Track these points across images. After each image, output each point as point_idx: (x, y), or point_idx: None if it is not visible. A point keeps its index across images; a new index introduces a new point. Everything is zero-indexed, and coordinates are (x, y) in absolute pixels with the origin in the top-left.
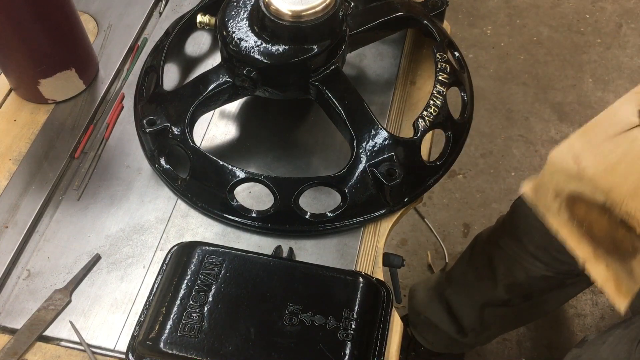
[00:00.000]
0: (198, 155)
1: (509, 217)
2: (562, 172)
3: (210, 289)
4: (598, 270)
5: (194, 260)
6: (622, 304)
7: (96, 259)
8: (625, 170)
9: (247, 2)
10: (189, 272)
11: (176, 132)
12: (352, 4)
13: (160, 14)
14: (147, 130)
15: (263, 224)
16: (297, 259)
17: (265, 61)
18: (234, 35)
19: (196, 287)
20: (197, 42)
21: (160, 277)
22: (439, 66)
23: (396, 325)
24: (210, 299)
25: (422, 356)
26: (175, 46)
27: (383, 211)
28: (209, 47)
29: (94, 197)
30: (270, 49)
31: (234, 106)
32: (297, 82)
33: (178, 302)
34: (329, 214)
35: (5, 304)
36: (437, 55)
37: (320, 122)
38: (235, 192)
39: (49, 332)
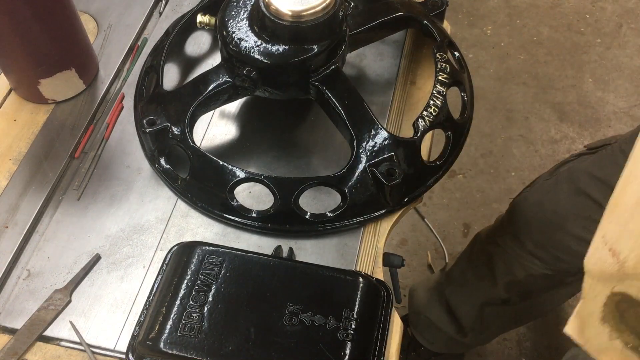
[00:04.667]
0: (198, 155)
1: (507, 216)
2: (602, 280)
3: (210, 289)
4: None
5: (194, 260)
6: None
7: (96, 259)
8: None
9: (247, 2)
10: (189, 272)
11: (176, 132)
12: (352, 4)
13: (160, 14)
14: (147, 130)
15: (263, 224)
16: (297, 259)
17: (265, 61)
18: (234, 35)
19: (196, 287)
20: (197, 42)
21: (160, 277)
22: (439, 66)
23: (396, 325)
24: (210, 299)
25: (422, 356)
26: (175, 46)
27: (383, 211)
28: (209, 47)
29: (94, 197)
30: (270, 49)
31: (234, 106)
32: (297, 82)
33: (178, 302)
34: (329, 214)
35: (5, 304)
36: (437, 55)
37: (320, 122)
38: (235, 192)
39: (49, 332)
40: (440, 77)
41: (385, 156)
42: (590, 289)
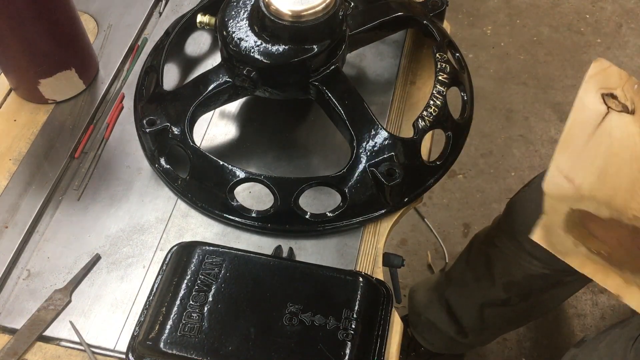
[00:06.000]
0: (198, 155)
1: (504, 216)
2: (562, 199)
3: (210, 289)
4: (633, 296)
5: (194, 260)
6: None
7: (96, 259)
8: (616, 171)
9: (247, 2)
10: (189, 272)
11: (176, 132)
12: (352, 4)
13: (160, 14)
14: (147, 130)
15: (263, 224)
16: (297, 259)
17: (265, 61)
18: (234, 35)
19: (196, 287)
20: (197, 42)
21: (160, 277)
22: (439, 66)
23: (396, 325)
24: (210, 299)
25: (422, 356)
26: (175, 46)
27: (383, 211)
28: (209, 47)
29: (94, 197)
30: (270, 49)
31: (234, 106)
32: (297, 82)
33: (178, 302)
34: (329, 214)
35: (5, 304)
36: (437, 55)
37: (320, 122)
38: (235, 192)
39: (49, 332)
40: (440, 77)
41: (385, 156)
42: (551, 206)
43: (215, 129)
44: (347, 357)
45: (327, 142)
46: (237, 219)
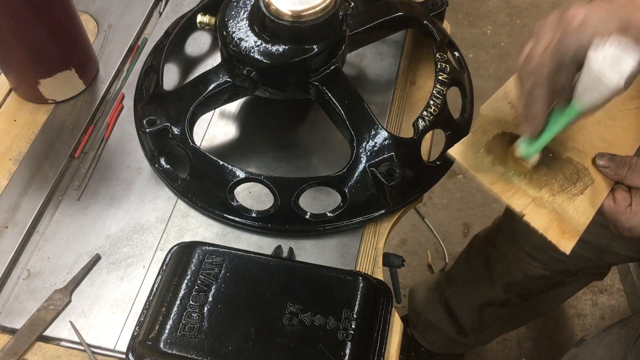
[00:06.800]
0: (198, 155)
1: (504, 218)
2: (496, 122)
3: (210, 289)
4: (539, 217)
5: (194, 260)
6: (568, 246)
7: (96, 259)
8: None
9: (247, 2)
10: (189, 272)
11: (176, 132)
12: (352, 4)
13: (160, 14)
14: (147, 130)
15: (263, 224)
16: (297, 259)
17: (265, 61)
18: (234, 35)
19: (196, 287)
20: (197, 42)
21: (160, 277)
22: (439, 66)
23: (396, 325)
24: (210, 299)
25: (422, 356)
26: (175, 46)
27: (383, 211)
28: (209, 47)
29: (94, 197)
30: (270, 49)
31: (234, 106)
32: (297, 82)
33: (178, 302)
34: (329, 214)
35: (5, 304)
36: (437, 55)
37: (320, 122)
38: (235, 192)
39: (49, 332)
40: (440, 77)
41: (385, 156)
42: (482, 126)
43: (215, 129)
44: (347, 357)
45: (327, 142)
46: (237, 219)
